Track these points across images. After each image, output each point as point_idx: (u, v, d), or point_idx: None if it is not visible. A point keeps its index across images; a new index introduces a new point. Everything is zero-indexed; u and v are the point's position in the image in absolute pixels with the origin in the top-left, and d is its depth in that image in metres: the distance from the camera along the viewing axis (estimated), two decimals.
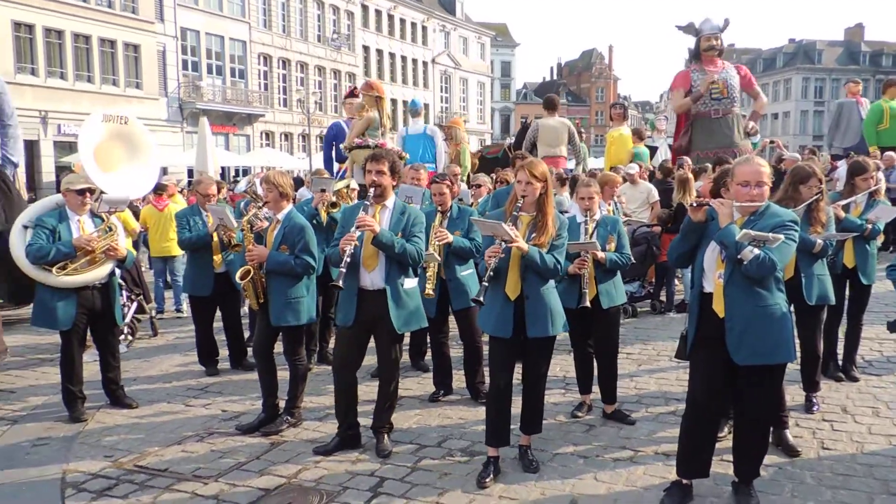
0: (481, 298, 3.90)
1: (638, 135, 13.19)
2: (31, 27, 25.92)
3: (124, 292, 7.78)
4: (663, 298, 8.86)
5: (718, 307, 3.52)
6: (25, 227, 5.33)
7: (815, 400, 5.10)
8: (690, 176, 8.53)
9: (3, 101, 7.20)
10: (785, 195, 4.80)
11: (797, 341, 3.94)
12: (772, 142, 14.74)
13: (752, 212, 3.54)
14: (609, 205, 7.01)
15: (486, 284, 3.90)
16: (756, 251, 3.35)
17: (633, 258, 6.69)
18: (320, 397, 5.58)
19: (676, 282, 9.23)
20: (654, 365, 6.45)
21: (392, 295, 4.36)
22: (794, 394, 5.25)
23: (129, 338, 7.60)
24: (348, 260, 4.26)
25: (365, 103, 9.01)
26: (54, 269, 5.11)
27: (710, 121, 11.19)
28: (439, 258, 5.34)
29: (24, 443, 4.79)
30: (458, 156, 10.77)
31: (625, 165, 10.47)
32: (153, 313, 8.40)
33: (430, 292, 5.28)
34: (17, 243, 5.29)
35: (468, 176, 9.91)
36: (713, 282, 3.57)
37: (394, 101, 48.04)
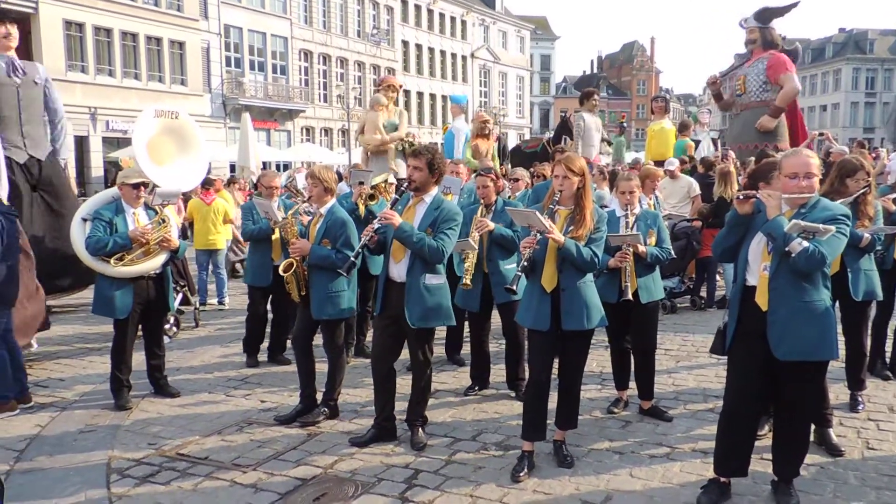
0: (514, 287, 3.96)
1: (684, 128, 12.98)
2: (81, 26, 26.67)
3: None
4: (703, 294, 8.73)
5: (762, 300, 3.45)
6: (84, 220, 5.52)
7: (860, 399, 4.98)
8: (732, 169, 8.36)
9: (50, 96, 7.41)
10: (831, 188, 4.68)
11: (841, 339, 3.84)
12: (821, 134, 14.33)
13: (801, 204, 3.46)
14: (650, 199, 6.93)
15: (519, 274, 3.93)
16: (805, 243, 3.27)
17: (673, 253, 6.61)
18: (356, 390, 5.64)
19: (718, 277, 9.08)
20: (692, 361, 6.36)
21: (410, 289, 4.37)
22: (838, 392, 5.13)
23: (174, 329, 7.81)
24: (359, 250, 4.40)
25: (389, 99, 9.09)
26: (112, 261, 5.27)
27: (732, 117, 11.06)
28: (475, 246, 5.32)
29: (73, 429, 4.95)
30: (489, 152, 10.82)
31: (668, 159, 10.32)
32: (196, 305, 8.63)
33: (468, 283, 5.27)
34: (78, 235, 5.50)
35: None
36: (757, 274, 3.50)
37: (433, 97, 48.19)
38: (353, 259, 4.47)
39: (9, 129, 7.16)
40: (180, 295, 8.03)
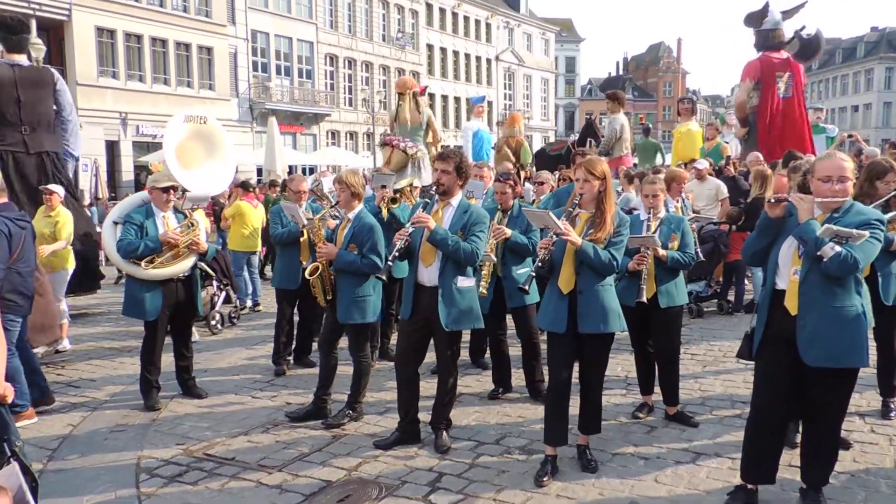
0: (527, 287, 4.05)
1: (714, 129, 12.86)
2: (112, 32, 27.15)
3: (215, 282, 8.22)
4: (731, 298, 8.62)
5: (791, 304, 3.40)
6: (115, 223, 5.62)
7: (892, 405, 4.88)
8: (769, 171, 8.25)
9: (61, 97, 7.59)
10: (860, 191, 4.59)
11: (872, 344, 3.77)
12: (850, 135, 14.08)
13: (833, 208, 3.40)
14: (677, 202, 6.87)
15: (533, 274, 3.99)
16: (838, 248, 3.22)
17: (701, 256, 6.54)
18: (381, 393, 5.66)
19: (746, 281, 8.96)
20: (719, 366, 6.28)
21: (443, 292, 4.38)
22: (869, 399, 5.04)
23: (219, 326, 8.17)
24: (396, 254, 4.36)
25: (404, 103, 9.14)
26: (143, 263, 5.35)
27: None
28: (495, 258, 5.35)
29: (103, 429, 5.05)
30: (520, 149, 10.79)
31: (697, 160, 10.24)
32: (238, 304, 8.90)
33: (483, 291, 5.29)
34: (109, 239, 5.60)
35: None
36: (787, 278, 3.45)
37: (457, 100, 48.23)
38: (389, 263, 4.46)
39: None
40: (223, 293, 8.34)
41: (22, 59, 7.88)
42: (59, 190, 7.21)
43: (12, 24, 7.90)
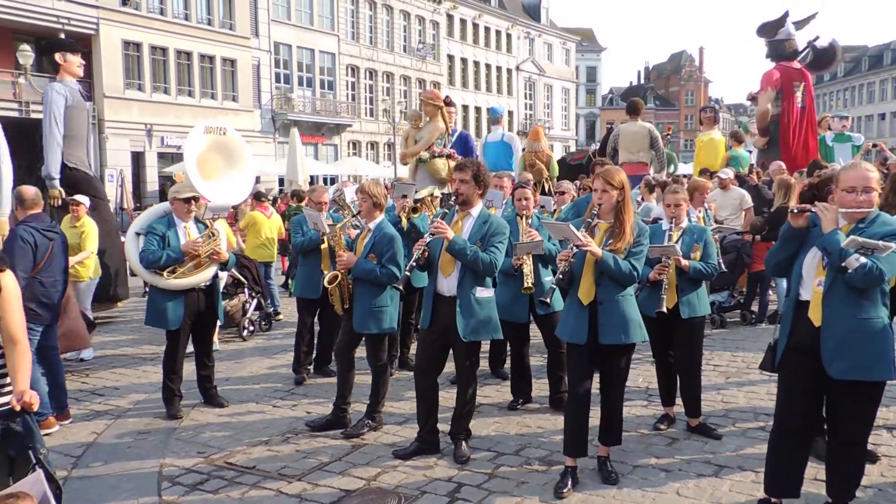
0: (548, 300, 4.04)
1: (736, 138, 12.75)
2: (138, 45, 27.65)
3: (246, 290, 8.33)
4: (754, 309, 8.51)
5: (815, 315, 3.36)
6: (138, 234, 5.70)
7: None
8: (793, 180, 8.15)
9: (72, 113, 7.70)
10: (886, 202, 4.52)
11: None
12: (874, 144, 13.87)
13: (859, 219, 3.36)
14: (699, 212, 6.81)
15: (554, 287, 3.99)
16: (863, 259, 3.17)
17: (723, 267, 6.46)
18: (400, 402, 5.67)
19: (770, 292, 8.85)
20: (742, 378, 6.20)
21: (461, 302, 4.38)
22: None
23: (249, 331, 8.36)
24: (413, 264, 4.37)
25: (427, 113, 9.14)
26: (165, 273, 5.42)
27: None
28: (542, 247, 5.28)
29: (126, 437, 5.10)
30: (550, 162, 10.78)
31: (719, 170, 10.14)
32: (269, 311, 9.08)
33: (529, 285, 5.24)
34: (132, 249, 5.68)
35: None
36: (811, 289, 3.40)
37: (478, 109, 48.35)
38: (406, 273, 4.47)
39: (80, 147, 7.59)
40: (255, 301, 8.54)
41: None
42: (84, 200, 7.33)
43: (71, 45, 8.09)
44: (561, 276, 3.94)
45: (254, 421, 5.40)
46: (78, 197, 7.37)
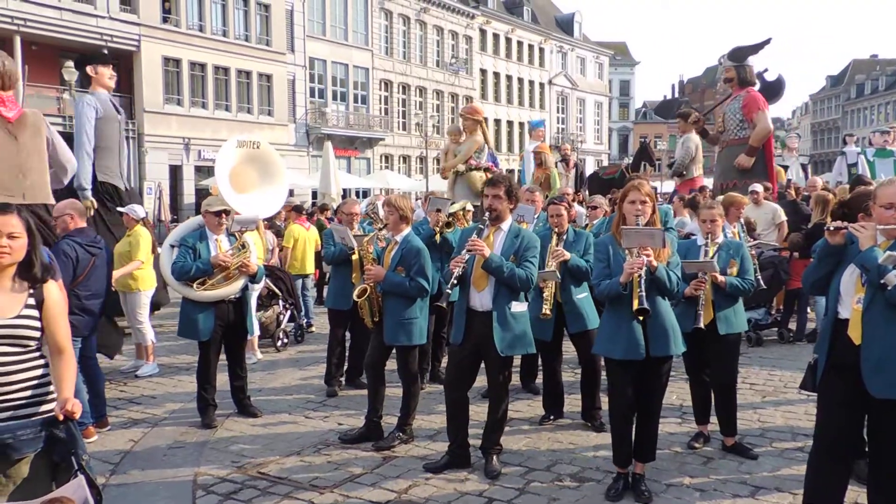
0: (646, 306, 3.82)
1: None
2: (178, 62, 28.34)
3: (280, 301, 8.44)
4: (792, 327, 8.35)
5: (855, 333, 3.30)
6: (172, 246, 5.82)
7: None
8: (831, 196, 8.01)
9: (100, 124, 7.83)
10: None
11: None
12: None
13: None
14: (734, 227, 6.73)
15: (642, 293, 3.82)
16: None
17: (762, 283, 6.35)
18: (431, 416, 5.67)
19: (808, 309, 8.68)
20: (780, 397, 6.08)
21: (498, 317, 4.38)
22: None
23: (283, 341, 8.48)
24: (454, 282, 4.34)
25: (466, 128, 9.21)
26: (195, 285, 5.52)
27: (718, 154, 11.04)
28: (559, 277, 5.30)
29: (162, 445, 5.19)
30: (548, 179, 10.93)
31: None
32: (303, 323, 9.17)
33: (547, 312, 5.24)
34: (165, 260, 5.81)
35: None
36: (850, 307, 3.35)
37: (510, 123, 48.43)
38: (448, 290, 4.41)
39: (112, 158, 7.74)
40: (288, 312, 8.62)
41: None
42: (128, 210, 7.38)
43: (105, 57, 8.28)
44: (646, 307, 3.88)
45: (286, 432, 5.45)
46: (127, 207, 7.41)
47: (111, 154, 7.91)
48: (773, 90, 11.75)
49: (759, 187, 9.40)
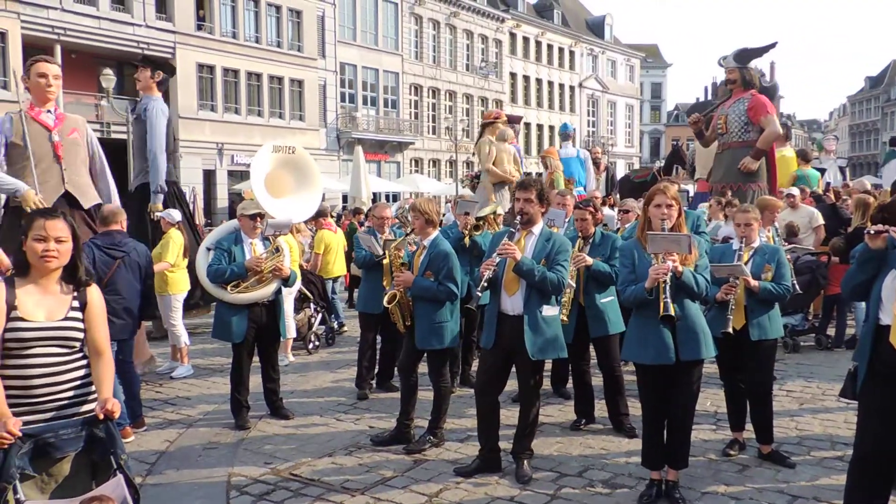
0: (671, 312, 3.79)
1: (803, 156, 12.39)
2: (211, 68, 28.81)
3: (312, 304, 8.56)
4: (830, 333, 8.17)
5: None
6: (208, 249, 5.92)
7: None
8: (872, 199, 7.84)
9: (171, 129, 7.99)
10: None
11: None
12: None
13: None
14: (768, 231, 6.62)
15: (667, 300, 3.78)
16: None
17: (797, 288, 6.22)
18: (461, 419, 5.66)
19: (848, 315, 8.48)
20: (818, 404, 5.95)
21: (529, 321, 4.37)
22: None
23: (315, 344, 8.57)
24: (485, 285, 4.35)
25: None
26: (229, 288, 5.61)
27: (717, 155, 10.77)
28: (574, 284, 5.28)
29: (197, 446, 5.27)
30: (552, 183, 10.92)
31: (787, 189, 9.88)
32: (335, 325, 9.25)
33: (565, 318, 5.22)
34: (201, 263, 5.92)
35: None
36: (891, 313, 3.26)
37: (539, 127, 48.26)
38: (478, 294, 4.43)
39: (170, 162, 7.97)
40: (320, 315, 8.72)
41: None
42: (165, 214, 7.51)
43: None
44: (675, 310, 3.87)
45: (318, 434, 5.49)
46: (165, 212, 7.55)
47: (170, 157, 8.08)
48: (769, 96, 11.58)
49: (795, 191, 9.24)
